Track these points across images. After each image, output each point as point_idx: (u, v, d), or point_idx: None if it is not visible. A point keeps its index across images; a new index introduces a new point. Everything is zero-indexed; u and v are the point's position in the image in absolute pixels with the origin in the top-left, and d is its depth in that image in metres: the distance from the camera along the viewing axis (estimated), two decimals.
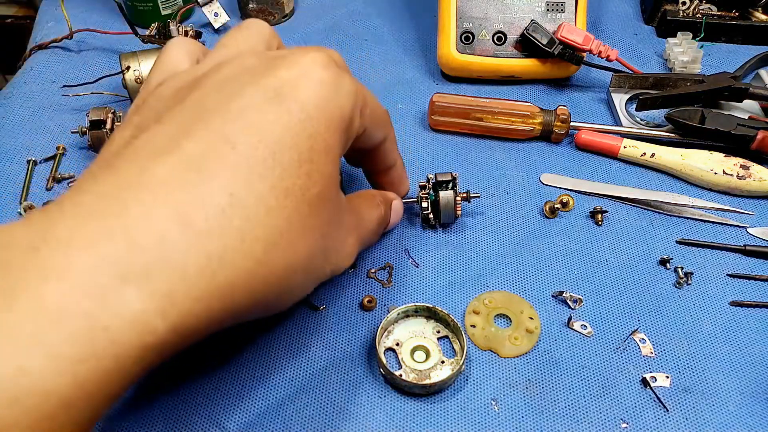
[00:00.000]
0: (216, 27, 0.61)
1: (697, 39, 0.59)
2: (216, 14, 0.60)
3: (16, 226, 0.19)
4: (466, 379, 0.37)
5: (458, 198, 0.39)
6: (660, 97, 0.51)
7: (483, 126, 0.51)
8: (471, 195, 0.40)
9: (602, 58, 0.54)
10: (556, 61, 0.54)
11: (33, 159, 0.49)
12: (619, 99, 0.54)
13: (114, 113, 0.49)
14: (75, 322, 0.16)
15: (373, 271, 0.41)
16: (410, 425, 0.35)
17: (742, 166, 0.48)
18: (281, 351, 0.37)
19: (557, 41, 0.53)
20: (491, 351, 0.38)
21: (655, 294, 0.41)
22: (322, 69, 0.25)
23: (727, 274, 0.43)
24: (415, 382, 0.35)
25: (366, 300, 0.39)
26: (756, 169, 0.48)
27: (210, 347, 0.35)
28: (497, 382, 0.37)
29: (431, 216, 0.39)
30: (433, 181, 0.40)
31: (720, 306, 0.41)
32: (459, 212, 0.39)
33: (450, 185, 0.39)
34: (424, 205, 0.39)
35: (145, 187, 0.19)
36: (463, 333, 0.37)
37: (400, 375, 0.36)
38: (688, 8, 0.61)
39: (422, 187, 0.39)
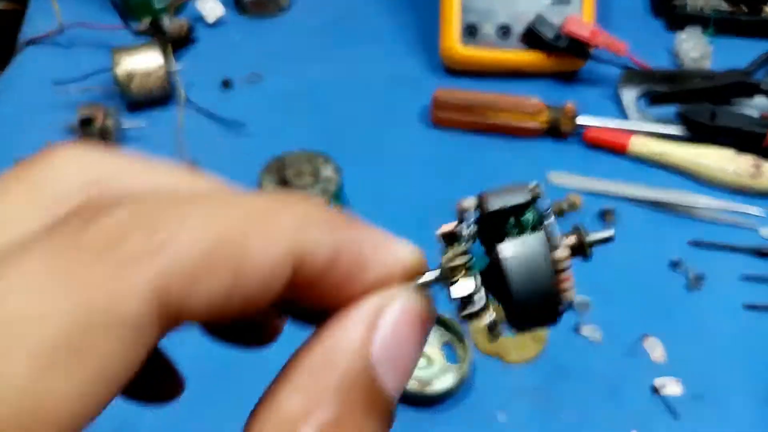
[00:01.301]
0: (210, 20, 0.59)
1: (707, 33, 0.58)
2: (210, 7, 0.59)
3: None
4: (471, 387, 0.35)
5: (562, 251, 0.12)
6: (670, 93, 0.50)
7: (487, 123, 0.49)
8: (596, 239, 0.13)
9: (610, 52, 0.52)
10: (562, 55, 0.52)
11: (22, 157, 0.48)
12: (629, 95, 0.53)
13: (105, 110, 0.47)
14: None
15: None
16: None
17: (754, 164, 0.46)
18: (281, 356, 0.36)
19: (563, 35, 0.51)
20: (497, 357, 0.37)
21: (666, 297, 0.40)
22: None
23: (741, 276, 0.41)
24: (417, 390, 0.34)
25: None
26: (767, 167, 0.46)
27: (208, 351, 0.34)
28: (503, 389, 0.35)
29: (488, 312, 0.13)
30: (475, 215, 0.13)
31: (733, 309, 0.40)
32: (570, 292, 0.12)
33: (531, 217, 0.12)
34: (462, 289, 0.12)
35: None
36: (467, 338, 0.36)
37: None
38: (698, 2, 0.60)
39: (449, 238, 0.13)
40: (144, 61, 0.49)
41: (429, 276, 0.12)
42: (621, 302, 0.40)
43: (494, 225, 0.12)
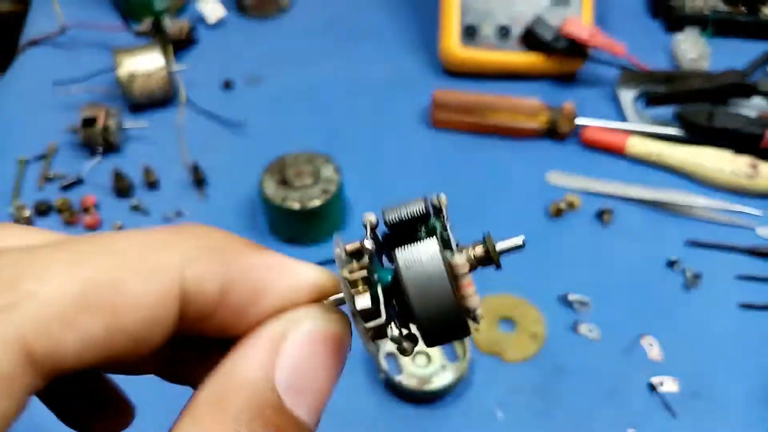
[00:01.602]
0: (211, 21, 0.59)
1: (705, 34, 0.58)
2: (211, 8, 0.59)
3: None
4: (469, 385, 0.36)
5: (457, 257, 0.12)
6: (668, 94, 0.50)
7: (486, 124, 0.50)
8: (504, 247, 0.13)
9: (609, 53, 0.53)
10: (561, 56, 0.53)
11: (24, 158, 0.48)
12: (627, 96, 0.53)
13: (107, 110, 0.47)
14: None
15: None
16: None
17: (751, 165, 0.47)
18: None
19: (562, 36, 0.52)
20: (495, 355, 0.37)
21: (663, 296, 0.41)
22: None
23: (737, 276, 0.42)
24: (416, 387, 0.34)
25: None
26: (765, 167, 0.47)
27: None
28: (501, 387, 0.36)
29: (388, 326, 0.12)
30: (379, 231, 0.13)
31: (729, 308, 0.40)
32: (470, 299, 0.12)
33: (426, 225, 0.13)
34: (362, 302, 0.11)
35: None
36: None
37: (401, 380, 0.35)
38: (696, 3, 0.60)
39: (356, 255, 0.12)
40: (145, 62, 0.50)
41: (337, 296, 0.11)
42: (619, 301, 0.40)
43: (398, 238, 0.12)
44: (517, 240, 0.12)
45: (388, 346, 0.37)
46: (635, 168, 0.49)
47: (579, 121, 0.50)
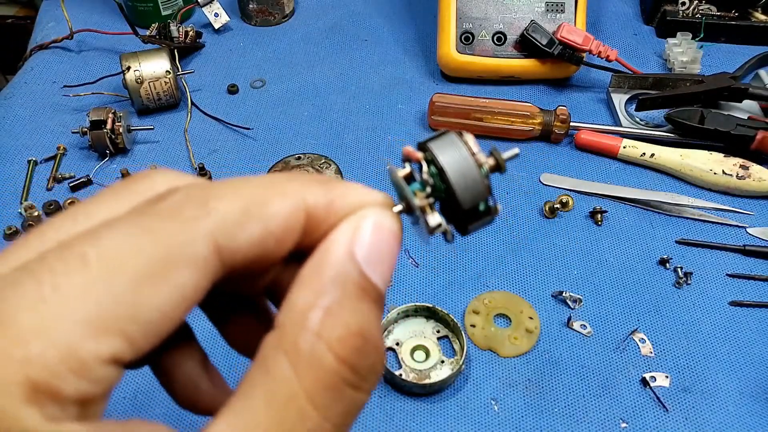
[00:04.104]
0: (216, 27, 0.61)
1: (697, 39, 0.59)
2: (216, 14, 0.61)
3: None
4: (466, 379, 0.37)
5: (482, 161, 0.17)
6: (660, 97, 0.51)
7: (483, 126, 0.51)
8: (503, 156, 0.17)
9: (602, 58, 0.54)
10: (555, 61, 0.54)
11: (33, 159, 0.49)
12: (619, 99, 0.54)
13: (114, 113, 0.49)
14: None
15: None
16: (410, 425, 0.35)
17: (742, 166, 0.48)
18: None
19: (557, 41, 0.53)
20: (491, 351, 0.38)
21: (654, 294, 0.42)
22: None
23: (727, 274, 0.43)
24: (414, 381, 0.36)
25: None
26: (755, 169, 0.48)
27: (208, 349, 0.35)
28: (497, 381, 0.37)
29: (435, 220, 0.17)
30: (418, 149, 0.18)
31: (719, 306, 0.41)
32: (487, 188, 0.17)
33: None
34: (420, 200, 0.17)
35: None
36: (462, 333, 0.37)
37: (400, 375, 0.36)
38: (688, 8, 0.61)
39: (407, 160, 0.18)
40: (152, 67, 0.51)
41: (397, 207, 0.17)
42: (611, 298, 0.41)
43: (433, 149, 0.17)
44: (515, 150, 0.18)
45: (388, 343, 0.38)
46: (628, 169, 0.50)
47: (573, 124, 0.51)
